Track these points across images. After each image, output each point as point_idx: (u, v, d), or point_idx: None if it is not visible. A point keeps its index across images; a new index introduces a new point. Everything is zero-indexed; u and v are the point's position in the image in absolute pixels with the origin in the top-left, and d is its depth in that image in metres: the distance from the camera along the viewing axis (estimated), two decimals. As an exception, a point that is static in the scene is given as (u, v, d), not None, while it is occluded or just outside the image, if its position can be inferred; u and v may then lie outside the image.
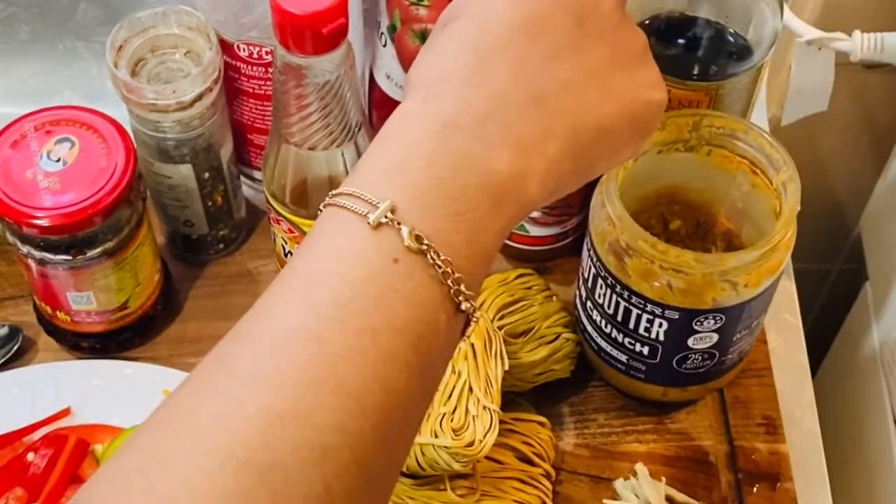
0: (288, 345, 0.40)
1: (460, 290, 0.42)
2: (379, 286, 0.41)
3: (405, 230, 0.41)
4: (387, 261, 0.41)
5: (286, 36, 0.61)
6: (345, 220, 0.42)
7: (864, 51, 0.78)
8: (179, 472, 0.37)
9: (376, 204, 0.42)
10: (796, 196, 0.65)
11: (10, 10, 0.84)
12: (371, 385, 0.40)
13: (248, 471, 0.37)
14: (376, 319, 0.41)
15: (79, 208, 0.66)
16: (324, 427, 0.39)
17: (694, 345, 0.68)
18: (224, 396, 0.39)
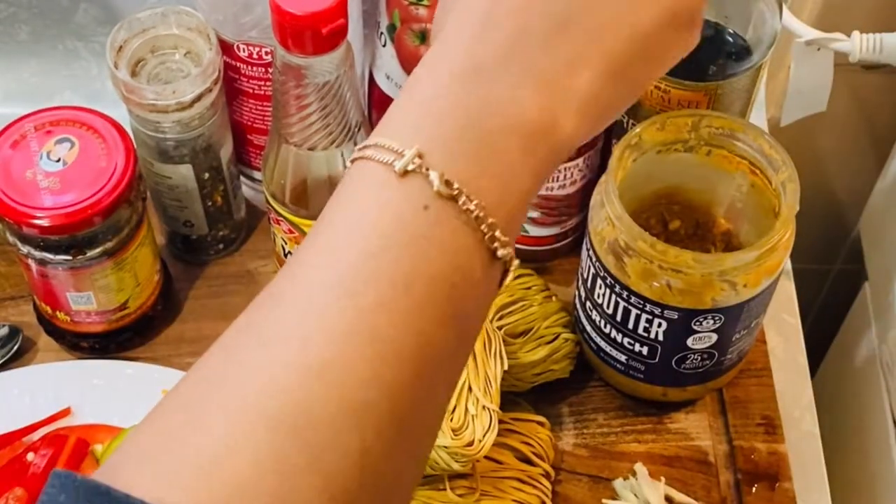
0: (318, 299, 0.39)
1: (495, 236, 0.41)
2: (410, 234, 0.40)
3: (434, 175, 0.40)
4: (417, 207, 0.40)
5: (286, 36, 0.61)
6: (371, 171, 0.41)
7: (862, 51, 0.78)
8: (213, 432, 0.36)
9: (402, 152, 0.40)
10: (795, 196, 0.66)
11: (10, 10, 0.84)
12: (406, 335, 0.39)
13: (283, 430, 0.36)
14: (409, 268, 0.39)
15: (79, 208, 0.66)
16: (359, 380, 0.38)
17: (693, 345, 0.69)
18: (255, 356, 0.38)
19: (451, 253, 0.40)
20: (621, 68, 0.44)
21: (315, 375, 0.37)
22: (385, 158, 0.41)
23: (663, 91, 0.69)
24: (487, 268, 0.41)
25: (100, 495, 0.35)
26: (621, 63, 0.43)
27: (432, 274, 0.40)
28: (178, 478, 0.36)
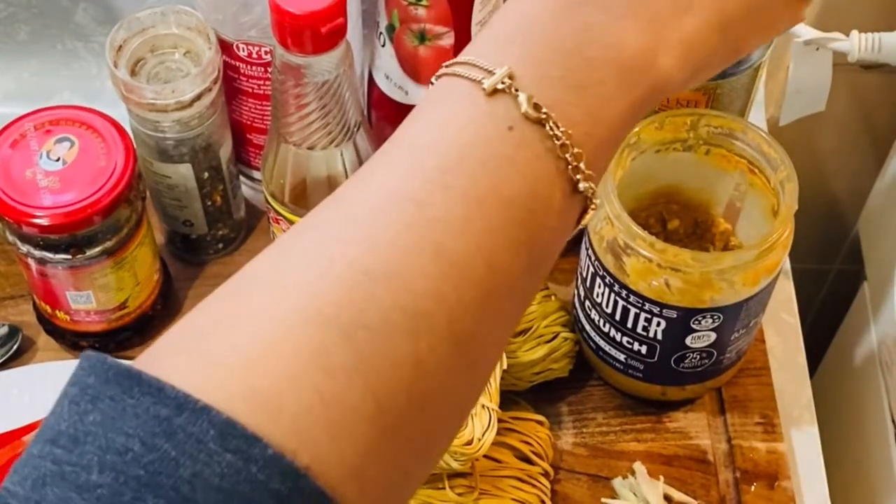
0: (385, 207, 0.37)
1: (578, 168, 0.39)
2: (490, 153, 0.38)
3: (522, 97, 0.38)
4: (501, 127, 0.38)
5: (285, 35, 0.61)
6: (457, 87, 0.39)
7: (861, 51, 0.78)
8: (257, 324, 0.35)
9: (492, 70, 0.39)
10: (794, 195, 0.66)
11: (9, 10, 0.84)
12: (474, 255, 0.37)
13: (333, 328, 0.35)
14: (484, 187, 0.37)
15: (78, 207, 0.66)
16: (418, 292, 0.36)
17: (692, 344, 0.69)
18: (312, 253, 0.36)
19: (531, 177, 0.38)
20: (729, 24, 0.42)
21: (372, 280, 0.36)
22: (474, 76, 0.39)
23: (662, 90, 0.69)
24: (567, 199, 0.40)
25: (130, 378, 0.33)
26: (730, 18, 0.42)
27: (509, 196, 0.38)
28: (216, 368, 0.34)
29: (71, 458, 0.33)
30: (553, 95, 0.39)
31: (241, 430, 0.33)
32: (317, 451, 0.34)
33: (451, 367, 0.37)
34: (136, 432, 0.32)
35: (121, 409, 0.33)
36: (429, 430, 0.37)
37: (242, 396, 0.33)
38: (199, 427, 0.32)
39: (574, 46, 0.40)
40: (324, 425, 0.34)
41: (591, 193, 0.40)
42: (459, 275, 0.37)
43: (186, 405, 0.33)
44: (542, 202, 0.39)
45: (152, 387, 0.33)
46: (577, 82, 0.40)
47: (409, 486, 0.37)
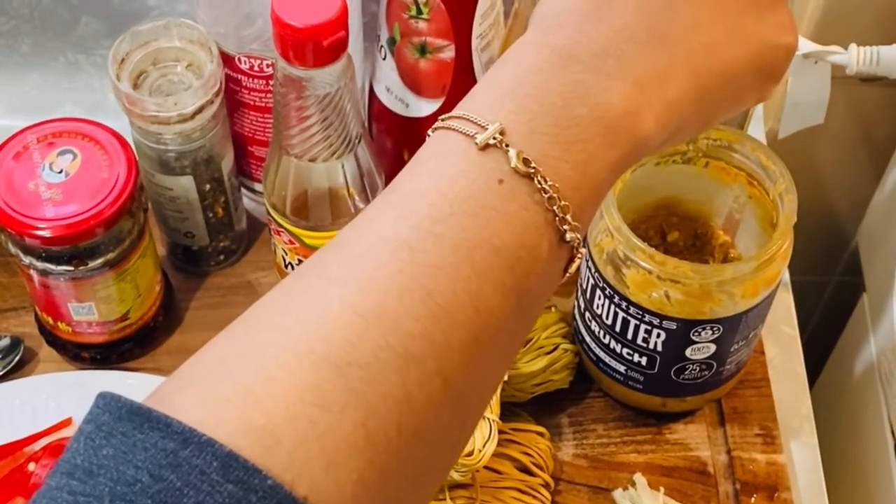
0: (379, 252, 0.39)
1: (565, 219, 0.41)
2: (480, 204, 0.40)
3: (512, 152, 0.41)
4: (491, 180, 0.41)
5: (287, 49, 0.62)
6: (452, 141, 0.42)
7: (860, 64, 0.78)
8: (257, 362, 0.37)
9: (485, 126, 0.41)
10: (793, 207, 0.66)
11: (12, 23, 0.84)
12: (462, 299, 0.39)
13: (327, 365, 0.37)
14: (473, 236, 0.40)
15: (81, 219, 0.67)
16: (409, 333, 0.38)
17: (692, 355, 0.69)
18: (310, 295, 0.39)
19: (519, 228, 0.41)
20: (704, 93, 0.45)
21: (364, 321, 0.38)
22: (467, 130, 0.41)
23: (662, 103, 0.69)
24: (554, 249, 0.42)
25: (140, 415, 0.36)
26: (706, 87, 0.45)
27: (497, 245, 0.40)
28: (219, 404, 0.36)
29: (85, 489, 0.35)
30: (542, 150, 0.41)
31: (242, 461, 0.35)
32: (313, 482, 0.36)
33: (439, 404, 0.39)
34: (145, 465, 0.35)
35: (131, 444, 0.35)
36: (420, 464, 0.39)
37: (243, 430, 0.36)
38: (202, 459, 0.35)
39: (564, 104, 0.42)
40: (319, 457, 0.36)
41: (577, 244, 0.42)
42: (448, 317, 0.39)
43: (191, 439, 0.35)
44: (529, 252, 0.41)
45: (160, 422, 0.35)
46: (566, 138, 0.42)
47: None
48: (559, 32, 0.44)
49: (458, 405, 0.40)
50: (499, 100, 0.42)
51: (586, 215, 0.43)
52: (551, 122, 0.42)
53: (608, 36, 0.43)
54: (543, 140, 0.41)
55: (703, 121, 0.46)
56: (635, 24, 0.44)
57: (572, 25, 0.44)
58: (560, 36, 0.43)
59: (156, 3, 0.83)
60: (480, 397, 0.42)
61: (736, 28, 0.45)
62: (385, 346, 0.38)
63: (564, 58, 0.43)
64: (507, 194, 0.41)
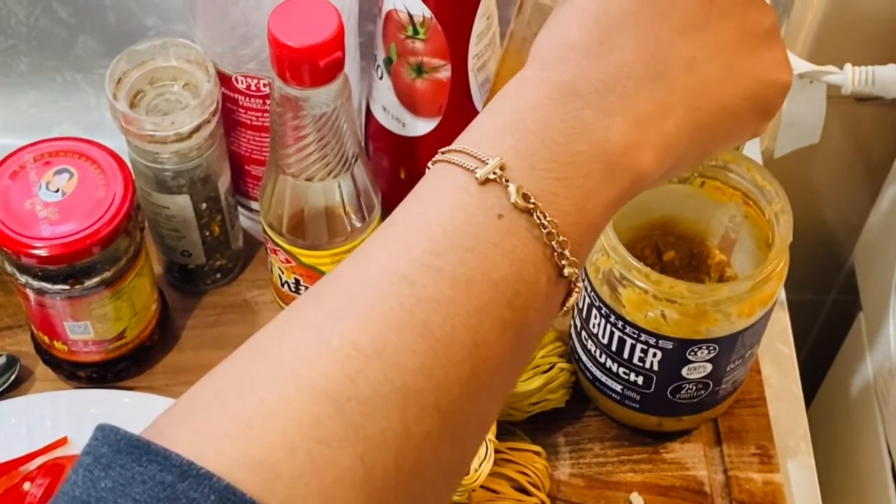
0: (378, 286, 0.40)
1: (564, 255, 0.42)
2: (479, 239, 0.41)
3: (512, 187, 0.41)
4: (490, 215, 0.41)
5: (284, 68, 0.62)
6: (452, 175, 0.42)
7: (855, 84, 0.78)
8: (255, 396, 0.37)
9: (485, 160, 0.42)
10: (788, 227, 0.66)
11: (9, 42, 0.85)
12: (461, 333, 0.39)
13: (326, 399, 0.37)
14: (472, 270, 0.40)
15: (77, 238, 0.67)
16: (408, 368, 0.38)
17: (688, 375, 0.69)
18: (308, 329, 0.39)
19: (517, 263, 0.41)
20: (701, 128, 0.45)
21: (363, 356, 0.38)
22: (468, 164, 0.42)
23: (657, 123, 0.69)
24: (553, 284, 0.42)
25: (139, 448, 0.36)
26: (703, 123, 0.45)
27: (495, 279, 0.40)
28: (216, 437, 0.36)
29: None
30: (541, 186, 0.42)
31: (240, 495, 0.35)
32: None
33: (437, 438, 0.39)
34: (143, 497, 0.35)
35: (130, 476, 0.35)
36: (417, 498, 0.39)
37: (241, 464, 0.36)
38: (200, 493, 0.35)
39: (564, 140, 0.42)
40: (317, 491, 0.36)
41: (575, 278, 0.43)
42: (447, 352, 0.39)
43: (189, 472, 0.35)
44: (528, 286, 0.41)
45: (159, 455, 0.36)
46: (565, 174, 0.42)
47: None
48: (560, 68, 0.44)
49: (456, 439, 0.40)
50: (499, 134, 0.43)
51: (584, 250, 0.43)
52: (551, 157, 0.42)
53: (608, 72, 0.44)
54: (543, 175, 0.42)
55: (699, 156, 0.47)
56: (634, 60, 0.44)
57: (573, 61, 0.44)
58: (561, 71, 0.44)
59: (153, 23, 0.83)
60: (478, 431, 0.42)
61: (732, 66, 0.46)
62: (384, 380, 0.38)
63: (565, 94, 0.43)
64: (506, 229, 0.41)
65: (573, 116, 0.43)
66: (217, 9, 0.71)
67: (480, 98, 0.73)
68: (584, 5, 0.45)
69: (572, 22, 0.45)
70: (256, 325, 0.83)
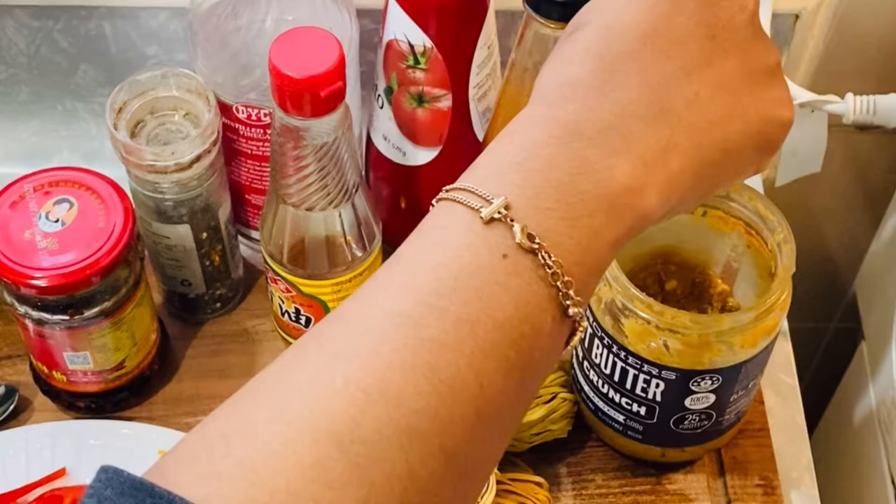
0: (383, 326, 0.39)
1: (569, 294, 0.42)
2: (484, 279, 0.40)
3: (517, 227, 0.41)
4: (495, 255, 0.41)
5: (284, 99, 0.62)
6: (456, 214, 0.42)
7: (856, 113, 0.78)
8: (259, 438, 0.37)
9: (490, 199, 0.42)
10: (791, 257, 0.66)
11: (9, 71, 0.85)
12: (466, 374, 0.39)
13: (329, 442, 0.37)
14: (477, 311, 0.40)
15: (76, 269, 0.66)
16: (412, 409, 0.38)
17: (691, 405, 0.68)
18: (312, 370, 0.39)
19: (523, 303, 0.41)
20: (705, 166, 0.45)
21: (367, 397, 0.38)
22: (473, 203, 0.42)
23: (659, 152, 0.69)
24: (557, 324, 0.42)
25: (143, 490, 0.36)
26: (706, 161, 0.45)
27: (500, 320, 0.40)
28: (221, 480, 0.36)
29: None
30: (546, 226, 0.42)
31: None
32: None
33: (442, 479, 0.39)
34: None
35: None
36: None
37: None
38: None
39: (569, 179, 0.42)
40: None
41: (579, 318, 0.43)
42: (452, 394, 0.39)
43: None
44: (533, 327, 0.41)
45: (163, 498, 0.35)
46: (570, 214, 0.42)
47: None
48: (565, 107, 0.44)
49: (461, 480, 0.40)
50: (504, 173, 0.43)
51: (588, 290, 0.43)
52: (556, 197, 0.42)
53: (613, 111, 0.44)
54: (548, 215, 0.42)
55: (702, 193, 0.47)
56: (638, 98, 0.44)
57: (577, 100, 0.44)
58: (566, 111, 0.44)
59: (154, 52, 0.83)
60: (482, 471, 0.42)
61: (735, 104, 0.46)
62: (388, 422, 0.38)
63: (570, 133, 0.43)
64: (511, 269, 0.41)
65: (578, 156, 0.43)
66: (218, 38, 0.71)
67: (481, 127, 0.73)
68: (587, 43, 0.45)
69: (575, 60, 0.45)
70: (256, 354, 0.83)
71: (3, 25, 0.82)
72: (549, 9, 0.62)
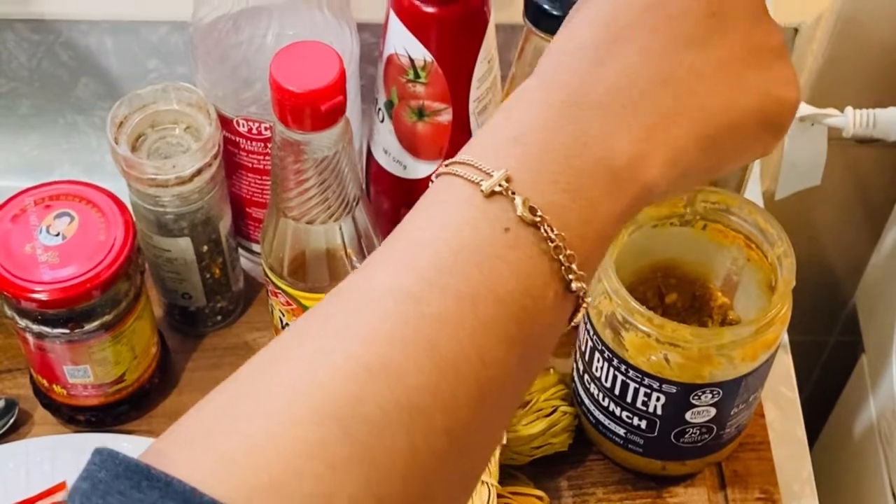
0: (383, 302, 0.39)
1: (571, 268, 0.41)
2: (485, 253, 0.40)
3: (518, 200, 0.40)
4: (496, 229, 0.40)
5: (285, 113, 0.62)
6: (457, 188, 0.41)
7: (856, 126, 0.79)
8: (259, 417, 0.36)
9: (491, 172, 0.41)
10: (791, 271, 0.66)
11: (10, 84, 0.85)
12: (468, 351, 0.39)
13: (331, 420, 0.36)
14: (478, 285, 0.39)
15: (77, 282, 0.66)
16: (414, 386, 0.37)
17: (692, 419, 0.68)
18: (313, 347, 0.38)
19: (524, 277, 0.40)
20: (710, 140, 0.44)
21: (369, 374, 0.37)
22: (473, 177, 0.41)
23: (659, 166, 0.69)
24: (560, 298, 0.41)
25: (139, 473, 0.35)
26: (711, 135, 0.44)
27: (502, 295, 0.39)
28: (221, 461, 0.35)
29: None
30: (548, 199, 0.41)
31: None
32: None
33: (445, 458, 0.38)
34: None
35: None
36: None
37: (248, 490, 0.34)
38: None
39: (570, 153, 0.41)
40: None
41: (583, 293, 0.42)
42: (454, 369, 0.38)
43: (192, 500, 0.34)
44: (535, 301, 0.40)
45: (160, 481, 0.34)
46: (572, 187, 0.41)
47: None
48: (567, 75, 0.43)
49: (462, 459, 0.39)
50: (503, 146, 0.42)
51: (592, 264, 0.43)
52: (557, 170, 0.41)
53: (613, 81, 0.43)
54: (549, 188, 0.41)
55: (707, 169, 0.46)
56: (642, 67, 0.43)
57: (579, 68, 0.43)
58: (568, 79, 0.43)
59: (154, 66, 0.83)
60: (484, 449, 0.41)
61: (738, 78, 0.45)
62: (390, 400, 0.37)
63: (571, 103, 0.42)
64: (512, 243, 0.40)
65: (580, 128, 0.42)
66: (219, 52, 0.71)
67: (482, 141, 0.73)
68: (591, 13, 0.45)
69: (581, 29, 0.44)
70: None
71: (4, 39, 0.82)
72: (549, 23, 0.62)
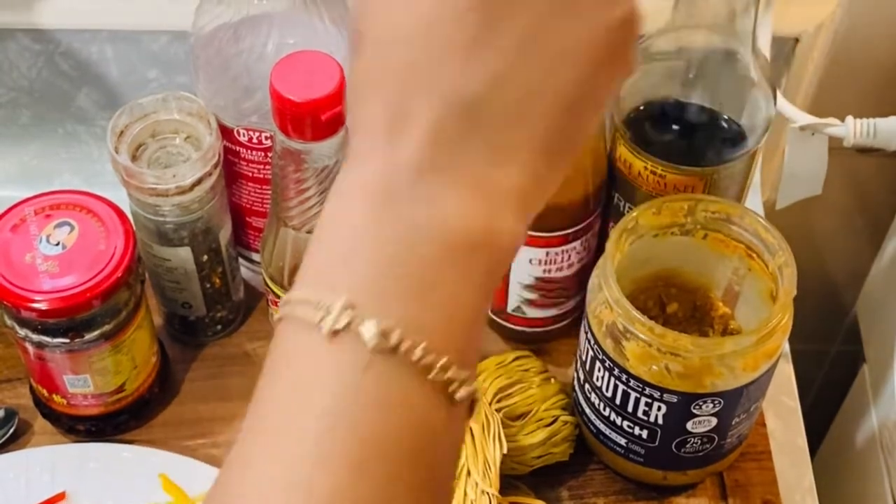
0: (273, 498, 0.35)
1: (450, 378, 0.36)
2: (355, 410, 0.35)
3: (367, 330, 0.35)
4: (355, 375, 0.35)
5: (286, 122, 0.62)
6: (299, 336, 0.36)
7: (856, 136, 0.79)
8: None
9: (329, 307, 0.36)
10: (792, 280, 0.66)
11: (11, 94, 0.85)
12: None
13: None
14: (363, 444, 0.35)
15: (77, 292, 0.66)
16: None
17: (693, 428, 0.68)
18: None
19: (405, 411, 0.36)
20: (551, 140, 0.38)
21: None
22: (311, 317, 0.36)
23: (659, 176, 0.69)
24: (449, 411, 0.37)
25: None
26: (550, 135, 0.38)
27: (393, 440, 0.36)
28: None
29: None
30: (398, 312, 0.36)
31: None
32: None
33: None
34: None
35: None
36: None
37: None
38: None
39: (404, 249, 0.36)
40: None
41: (470, 394, 0.37)
42: None
43: None
44: (426, 429, 0.36)
45: None
46: (420, 288, 0.36)
47: None
48: (371, 157, 0.37)
49: None
50: (335, 268, 0.37)
51: (471, 353, 0.38)
52: (399, 275, 0.36)
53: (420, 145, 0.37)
54: (397, 299, 0.36)
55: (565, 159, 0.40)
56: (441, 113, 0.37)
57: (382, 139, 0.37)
58: (373, 162, 0.37)
59: (155, 76, 0.83)
60: None
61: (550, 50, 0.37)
62: None
63: (387, 193, 0.37)
64: (377, 380, 0.35)
65: (406, 217, 0.37)
66: (219, 62, 0.71)
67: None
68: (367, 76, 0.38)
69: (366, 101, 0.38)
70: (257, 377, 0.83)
71: (4, 49, 0.82)
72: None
